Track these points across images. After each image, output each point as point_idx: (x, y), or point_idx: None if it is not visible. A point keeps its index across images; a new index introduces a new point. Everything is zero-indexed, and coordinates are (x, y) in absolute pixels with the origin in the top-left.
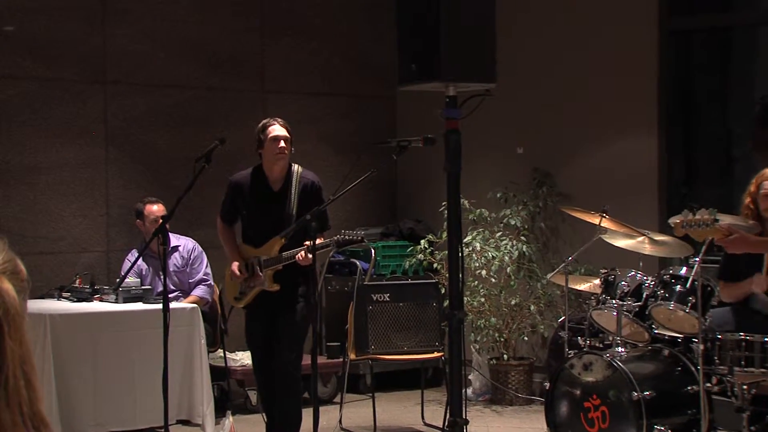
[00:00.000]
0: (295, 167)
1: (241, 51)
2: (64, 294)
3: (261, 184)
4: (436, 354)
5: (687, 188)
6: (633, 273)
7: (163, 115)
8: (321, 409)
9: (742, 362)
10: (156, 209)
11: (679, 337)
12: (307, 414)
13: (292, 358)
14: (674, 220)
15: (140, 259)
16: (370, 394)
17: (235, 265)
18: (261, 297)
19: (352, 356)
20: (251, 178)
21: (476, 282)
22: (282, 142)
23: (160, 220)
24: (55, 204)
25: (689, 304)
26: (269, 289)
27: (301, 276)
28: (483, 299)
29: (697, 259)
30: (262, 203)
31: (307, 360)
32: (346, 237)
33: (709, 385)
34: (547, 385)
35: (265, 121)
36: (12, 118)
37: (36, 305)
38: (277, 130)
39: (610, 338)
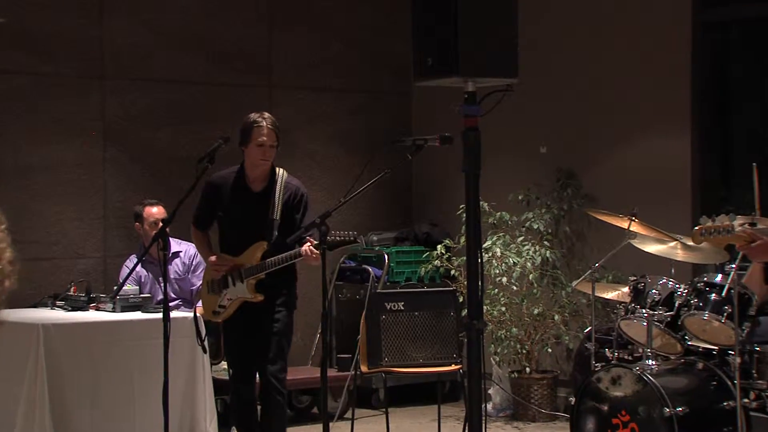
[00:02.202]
0: (280, 171)
1: (247, 43)
2: (59, 302)
3: (241, 183)
4: (453, 367)
5: (722, 190)
6: (664, 280)
7: (164, 112)
8: (331, 425)
9: None
10: (156, 211)
11: (714, 350)
12: (316, 431)
13: (275, 370)
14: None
15: (139, 266)
16: (384, 410)
17: (212, 258)
18: (241, 308)
19: (364, 369)
20: (232, 179)
21: (496, 290)
22: (267, 151)
23: (160, 224)
24: (49, 206)
25: (725, 314)
26: (253, 300)
27: (282, 283)
28: (504, 308)
29: (734, 265)
30: (241, 205)
31: (316, 373)
32: (337, 238)
33: (746, 400)
34: (573, 400)
35: (253, 117)
36: (4, 114)
37: (28, 314)
38: (264, 135)
39: (640, 350)
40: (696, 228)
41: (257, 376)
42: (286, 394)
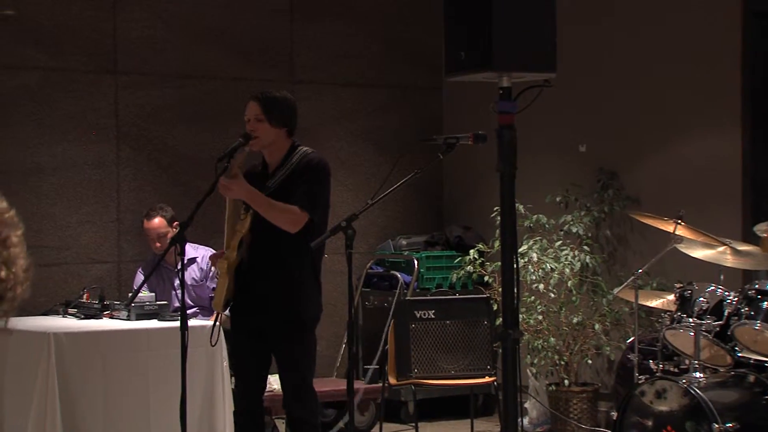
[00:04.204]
0: (301, 149)
1: (268, 36)
2: (71, 310)
3: (263, 167)
4: (487, 379)
5: None
6: (713, 288)
7: (181, 108)
8: None
9: None
10: (157, 223)
11: (766, 362)
12: None
13: (305, 412)
14: (760, 228)
15: (154, 272)
16: (413, 424)
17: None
18: (247, 309)
19: (393, 381)
20: (260, 163)
21: (533, 297)
22: (251, 126)
23: (157, 243)
24: (60, 209)
25: None
26: (226, 259)
27: (295, 292)
28: (541, 317)
29: None
30: (254, 185)
31: (342, 385)
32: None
33: None
34: (615, 414)
35: None
36: (12, 112)
37: (39, 322)
38: (247, 109)
39: (687, 362)
40: (765, 235)
41: (264, 387)
42: (320, 424)
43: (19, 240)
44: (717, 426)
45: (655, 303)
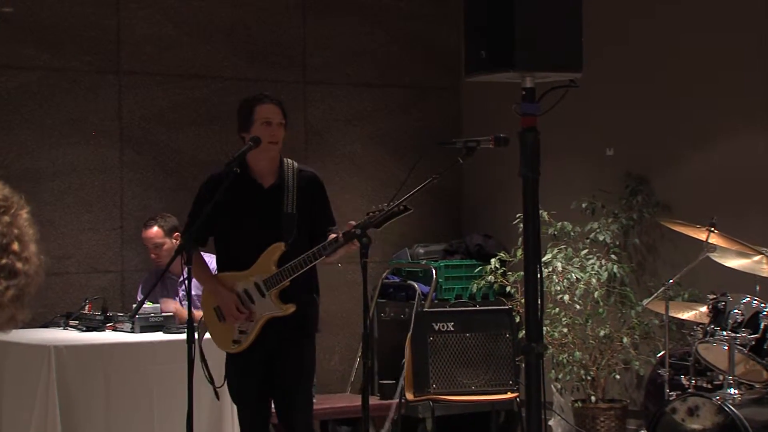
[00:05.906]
0: (288, 161)
1: (279, 35)
2: (72, 322)
3: (246, 180)
4: (509, 395)
5: None
6: (748, 299)
7: (188, 110)
8: None
9: None
10: (152, 232)
11: None
12: None
13: (306, 423)
14: None
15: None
16: None
17: (232, 302)
18: (259, 334)
19: (410, 397)
20: (234, 176)
21: (557, 309)
22: (275, 130)
23: (157, 245)
24: (60, 216)
25: None
26: (284, 314)
27: (307, 299)
28: (566, 329)
29: None
30: (251, 204)
31: (356, 401)
32: (380, 212)
33: None
34: None
35: (252, 96)
36: (11, 114)
37: (39, 335)
38: (270, 111)
39: (721, 378)
40: None
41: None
42: None
43: (29, 223)
44: None
45: (686, 315)
